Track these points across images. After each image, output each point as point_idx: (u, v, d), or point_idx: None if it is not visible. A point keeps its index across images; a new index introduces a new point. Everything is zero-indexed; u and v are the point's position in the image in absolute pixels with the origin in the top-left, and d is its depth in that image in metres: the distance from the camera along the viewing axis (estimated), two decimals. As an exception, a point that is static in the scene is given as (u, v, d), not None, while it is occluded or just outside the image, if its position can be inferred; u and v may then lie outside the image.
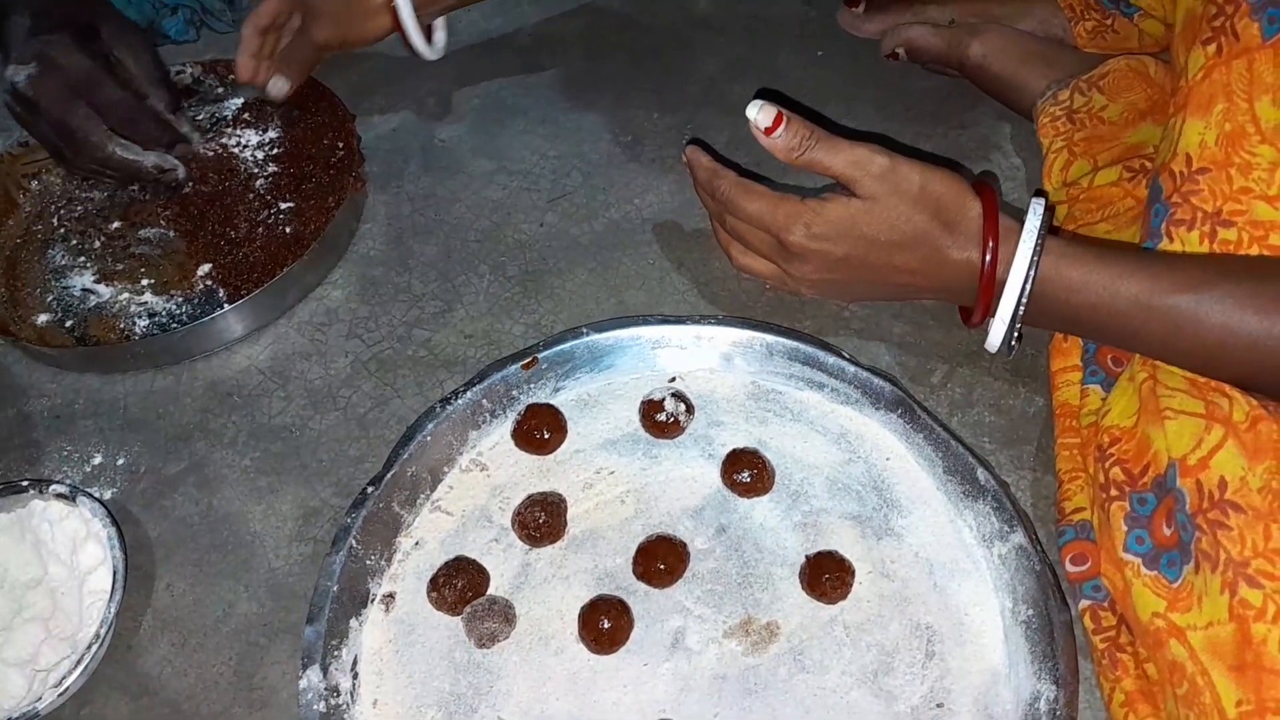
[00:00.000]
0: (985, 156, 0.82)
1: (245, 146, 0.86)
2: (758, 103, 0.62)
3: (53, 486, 0.62)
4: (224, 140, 0.86)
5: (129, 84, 0.78)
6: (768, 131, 0.61)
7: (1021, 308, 0.58)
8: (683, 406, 0.65)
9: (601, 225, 0.81)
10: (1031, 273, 0.57)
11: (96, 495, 0.64)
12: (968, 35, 0.83)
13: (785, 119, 0.61)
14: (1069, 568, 0.58)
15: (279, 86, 0.85)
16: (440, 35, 0.91)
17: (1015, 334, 0.60)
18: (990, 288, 0.59)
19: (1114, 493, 0.55)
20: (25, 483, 0.63)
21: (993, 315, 0.60)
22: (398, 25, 0.85)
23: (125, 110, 0.76)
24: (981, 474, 0.60)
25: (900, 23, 0.89)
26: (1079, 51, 0.81)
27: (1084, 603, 0.56)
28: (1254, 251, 0.54)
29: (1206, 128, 0.56)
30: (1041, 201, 0.59)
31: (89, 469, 0.68)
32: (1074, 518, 0.59)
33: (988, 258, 0.59)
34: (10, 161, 0.85)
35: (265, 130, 0.87)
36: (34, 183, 0.86)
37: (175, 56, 0.96)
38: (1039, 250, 0.57)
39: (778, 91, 0.88)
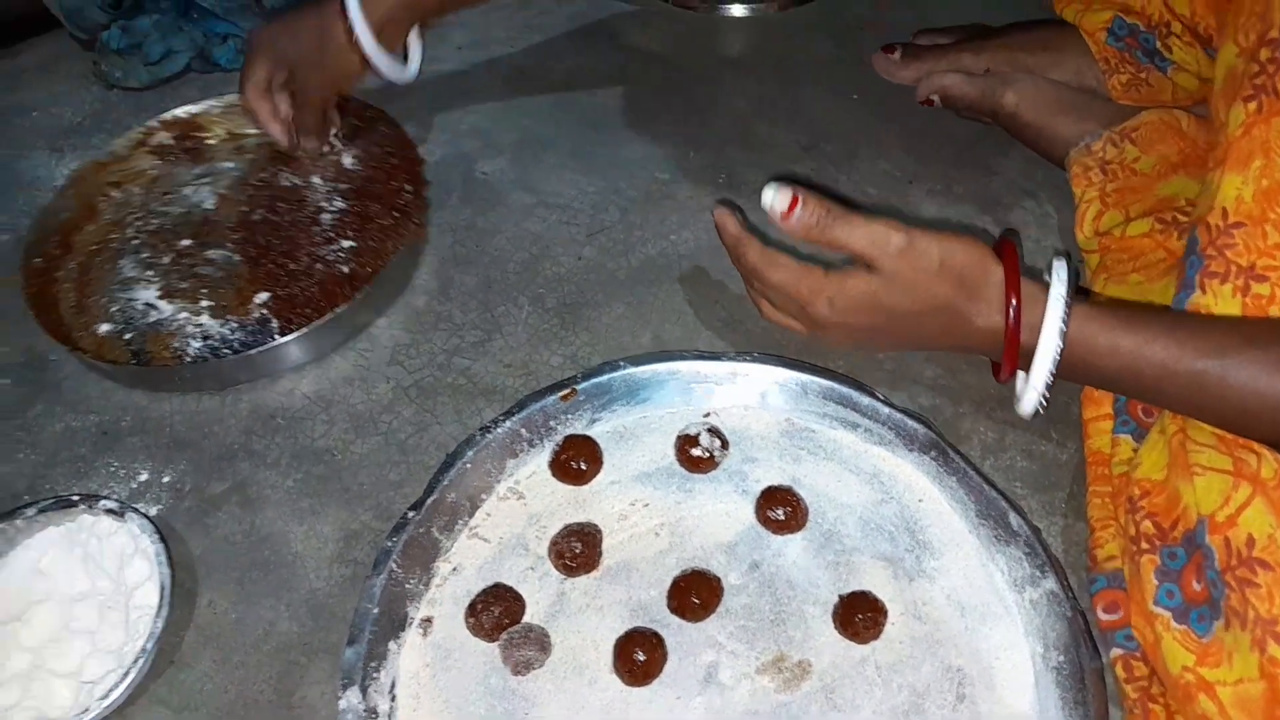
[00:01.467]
0: (1017, 203, 0.84)
1: (318, 179, 0.87)
2: (772, 187, 0.61)
3: (102, 502, 0.63)
4: (299, 170, 0.88)
5: None
6: (785, 216, 0.61)
7: (1051, 377, 0.58)
8: (718, 442, 0.66)
9: (638, 260, 0.82)
10: (1060, 343, 0.57)
11: (143, 511, 0.65)
12: (1002, 84, 0.85)
13: (801, 200, 0.60)
14: (1101, 615, 0.58)
15: (311, 145, 0.87)
16: (415, 54, 0.89)
17: (1045, 397, 0.60)
18: (1015, 353, 0.59)
19: (1145, 546, 0.55)
20: (76, 497, 0.64)
21: (1023, 369, 0.61)
22: (364, 57, 0.82)
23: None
24: (1014, 519, 0.61)
25: (935, 70, 0.90)
26: (1112, 103, 0.83)
27: (1116, 651, 0.57)
28: None
29: (1244, 183, 0.56)
30: (1064, 264, 0.58)
31: (135, 485, 0.70)
32: (1106, 565, 0.60)
33: (1011, 322, 0.58)
34: (98, 170, 0.88)
35: (340, 164, 0.88)
36: (116, 192, 0.89)
37: (224, 84, 0.99)
38: (1066, 320, 0.57)
39: (790, 175, 0.88)
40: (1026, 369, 0.60)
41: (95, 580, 0.61)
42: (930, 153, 0.88)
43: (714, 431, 0.67)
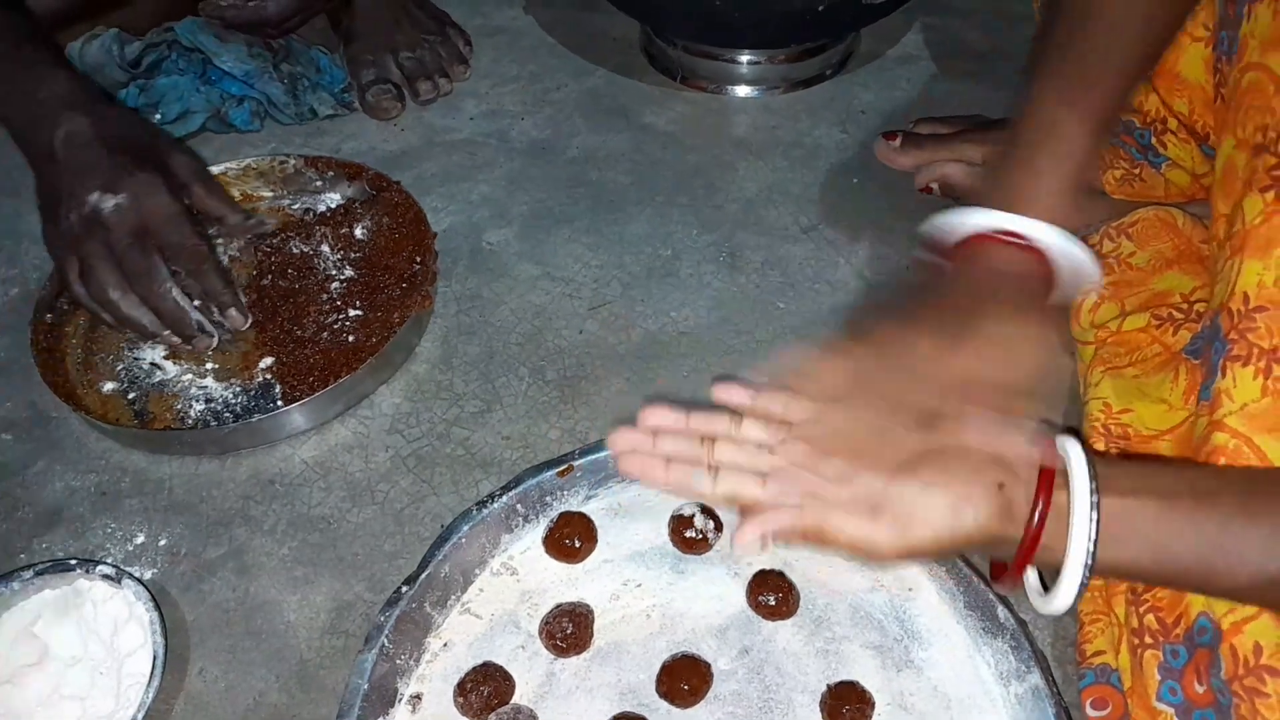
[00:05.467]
0: (1014, 292, 0.85)
1: (328, 247, 0.88)
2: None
3: (99, 567, 0.64)
4: (311, 238, 0.89)
5: (201, 230, 0.80)
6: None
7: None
8: (711, 524, 0.67)
9: (639, 336, 0.84)
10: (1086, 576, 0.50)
11: (137, 575, 0.66)
12: (998, 177, 0.87)
13: (770, 539, 0.50)
14: (1089, 712, 0.59)
15: None
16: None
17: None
18: (1020, 573, 0.52)
19: (1148, 640, 0.56)
20: (73, 562, 0.65)
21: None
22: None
23: (195, 259, 0.78)
24: (1001, 611, 0.61)
25: (935, 159, 0.92)
26: (1107, 198, 0.84)
27: (1102, 750, 0.57)
28: None
29: (1265, 269, 0.56)
30: (1087, 487, 0.48)
31: (131, 548, 0.70)
32: (1094, 660, 0.60)
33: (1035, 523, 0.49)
34: None
35: (350, 233, 0.90)
36: None
37: (238, 145, 1.01)
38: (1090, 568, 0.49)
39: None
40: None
41: (88, 646, 0.61)
42: (929, 238, 0.90)
43: (708, 512, 0.67)
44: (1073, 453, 0.49)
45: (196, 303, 0.78)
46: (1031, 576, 0.53)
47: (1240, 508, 0.48)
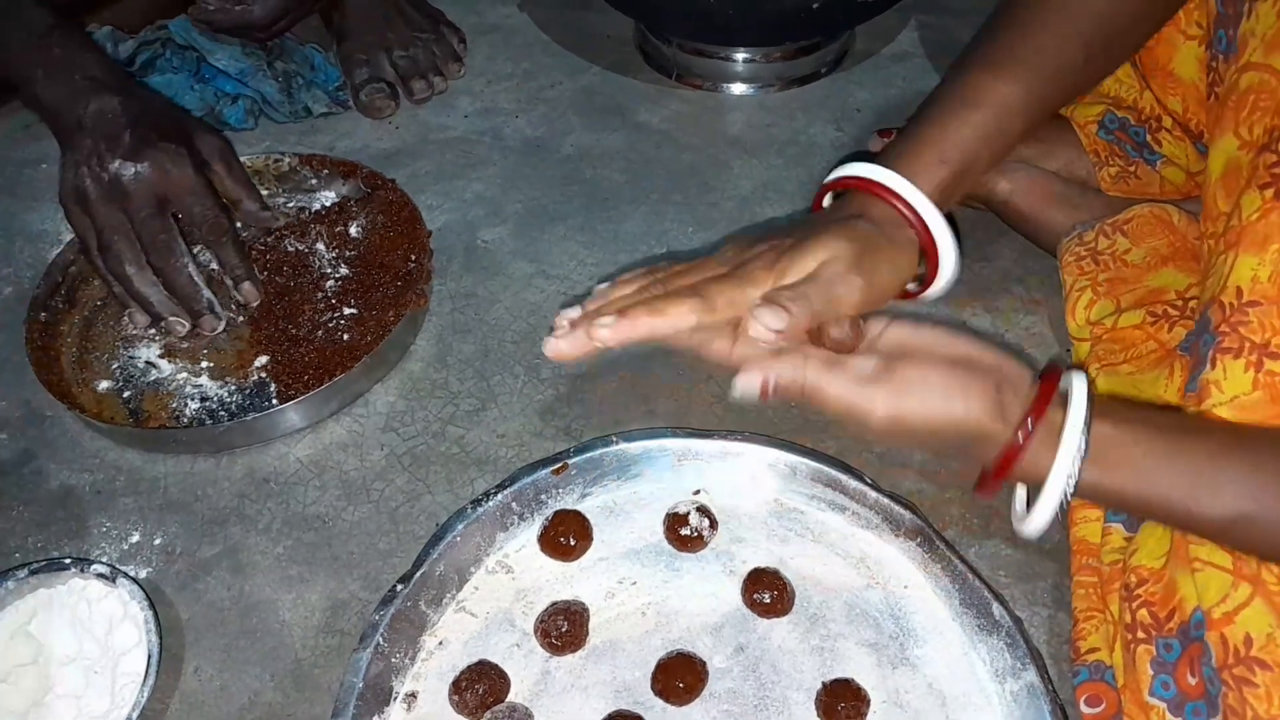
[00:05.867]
0: (1007, 289, 0.85)
1: (323, 245, 0.88)
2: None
3: (94, 566, 0.64)
4: (306, 236, 0.89)
5: (222, 203, 0.81)
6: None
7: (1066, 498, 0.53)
8: (706, 521, 0.67)
9: (634, 334, 0.83)
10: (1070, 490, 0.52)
11: (132, 574, 0.66)
12: (995, 173, 0.87)
13: (771, 384, 0.53)
14: (1084, 709, 0.59)
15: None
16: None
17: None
18: (1010, 465, 0.54)
19: (1140, 635, 0.56)
20: (68, 560, 0.64)
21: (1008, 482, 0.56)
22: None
23: (216, 231, 0.80)
24: (996, 609, 0.62)
25: (931, 156, 0.92)
26: (1103, 195, 0.84)
27: (1096, 746, 0.57)
28: None
29: (1260, 264, 0.57)
30: (1084, 407, 0.52)
31: (126, 547, 0.70)
32: (1089, 658, 0.60)
33: (1022, 434, 0.53)
34: None
35: (345, 231, 0.89)
36: None
37: (233, 143, 1.00)
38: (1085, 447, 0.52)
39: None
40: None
41: (83, 645, 0.61)
42: (924, 235, 0.90)
43: (703, 510, 0.68)
44: (1076, 379, 0.53)
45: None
46: (1018, 501, 0.58)
47: (1225, 445, 0.52)
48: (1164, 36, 0.73)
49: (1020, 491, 0.58)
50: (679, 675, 0.60)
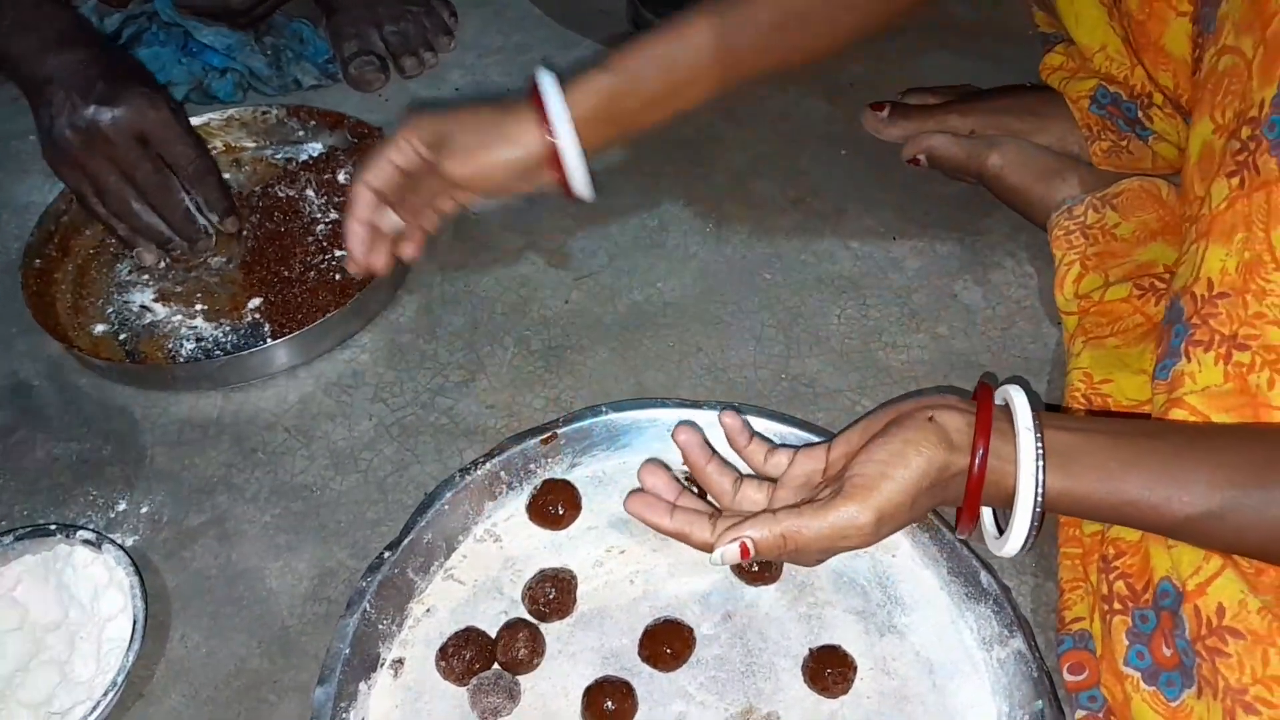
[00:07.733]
0: (999, 263, 0.85)
1: (313, 192, 0.90)
2: (718, 553, 0.56)
3: (79, 533, 0.64)
4: (296, 183, 0.90)
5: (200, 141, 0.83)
6: (743, 558, 0.56)
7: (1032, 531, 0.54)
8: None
9: (624, 306, 0.83)
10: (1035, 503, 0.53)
11: (119, 542, 0.65)
12: (987, 147, 0.87)
13: (750, 544, 0.56)
14: (1067, 677, 0.59)
15: (408, 251, 0.74)
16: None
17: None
18: (975, 508, 0.56)
19: (1117, 606, 0.56)
20: (53, 527, 0.64)
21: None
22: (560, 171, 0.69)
23: (201, 170, 0.81)
24: (984, 577, 0.62)
25: (922, 130, 0.92)
26: (1094, 169, 0.84)
27: (1080, 713, 0.57)
28: (1264, 375, 0.56)
29: (1228, 255, 0.57)
30: (1022, 398, 0.55)
31: (113, 515, 0.70)
32: (1073, 627, 0.60)
33: (974, 479, 0.55)
34: None
35: (334, 179, 0.91)
36: None
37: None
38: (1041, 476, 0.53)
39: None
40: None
41: (68, 610, 0.61)
42: (916, 210, 0.90)
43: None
44: (1013, 389, 0.55)
45: None
46: (987, 521, 0.58)
47: (1188, 443, 0.53)
48: (1155, 12, 0.73)
49: (987, 514, 0.59)
50: (666, 641, 0.60)
